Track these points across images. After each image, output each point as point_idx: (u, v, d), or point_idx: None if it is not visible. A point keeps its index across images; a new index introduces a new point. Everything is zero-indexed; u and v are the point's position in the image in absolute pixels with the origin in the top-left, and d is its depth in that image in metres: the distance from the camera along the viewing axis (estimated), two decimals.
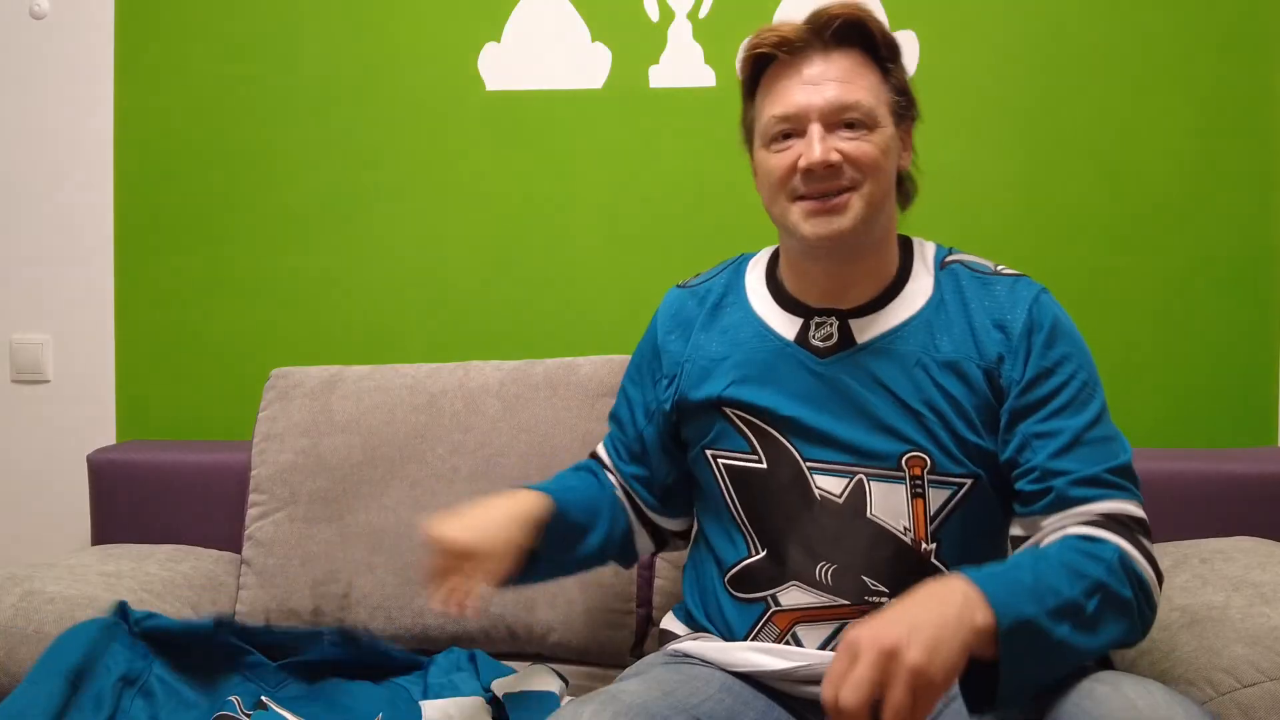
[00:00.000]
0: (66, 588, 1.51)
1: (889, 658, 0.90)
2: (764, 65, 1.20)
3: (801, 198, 1.16)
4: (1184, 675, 1.22)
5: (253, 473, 1.76)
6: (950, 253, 1.26)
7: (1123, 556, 1.06)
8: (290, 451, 1.74)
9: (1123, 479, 1.12)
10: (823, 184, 1.14)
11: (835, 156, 1.13)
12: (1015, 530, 1.16)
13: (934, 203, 1.86)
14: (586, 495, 1.34)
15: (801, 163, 1.14)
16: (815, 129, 1.14)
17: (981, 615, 0.95)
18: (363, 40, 2.00)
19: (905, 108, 1.20)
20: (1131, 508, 1.11)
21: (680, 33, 1.95)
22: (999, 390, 1.16)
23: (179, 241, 2.04)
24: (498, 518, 1.18)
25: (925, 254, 1.25)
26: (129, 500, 1.85)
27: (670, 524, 1.38)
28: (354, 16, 2.00)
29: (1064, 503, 1.11)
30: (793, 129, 1.16)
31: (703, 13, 1.94)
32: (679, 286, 1.37)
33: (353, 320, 2.03)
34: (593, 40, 1.96)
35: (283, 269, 2.03)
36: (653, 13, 1.95)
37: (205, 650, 1.38)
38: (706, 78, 1.94)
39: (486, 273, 2.00)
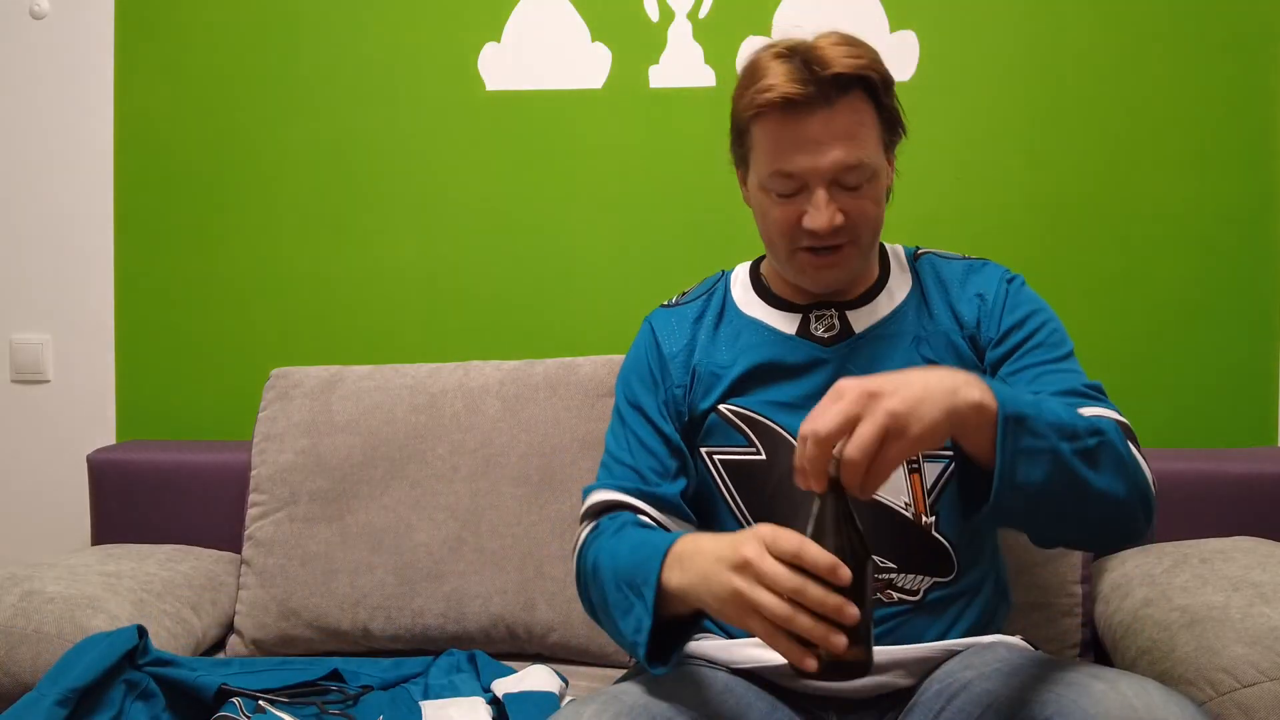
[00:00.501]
0: (66, 588, 1.51)
1: (870, 397, 0.91)
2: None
3: (802, 248, 1.21)
4: (1184, 675, 1.22)
5: (253, 473, 1.76)
6: (918, 249, 1.34)
7: (1118, 427, 1.08)
8: (290, 451, 1.74)
9: (1102, 394, 1.17)
10: (825, 241, 1.20)
11: (840, 220, 1.18)
12: None
13: (934, 203, 1.88)
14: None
15: (807, 223, 1.18)
16: (821, 195, 1.17)
17: (980, 393, 0.95)
18: (363, 40, 2.00)
19: (895, 138, 1.24)
20: (1117, 415, 1.13)
21: (680, 33, 1.95)
22: (980, 352, 1.24)
23: (179, 241, 2.04)
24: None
25: (898, 255, 1.34)
26: (129, 500, 1.85)
27: None
28: (354, 16, 2.00)
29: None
30: (795, 185, 1.19)
31: (703, 13, 1.94)
32: (664, 306, 1.38)
33: (353, 320, 2.03)
34: (593, 40, 1.96)
35: (283, 269, 2.03)
36: (653, 13, 1.95)
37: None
38: (706, 78, 1.94)
39: (486, 273, 2.00)
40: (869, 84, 1.17)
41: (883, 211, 1.23)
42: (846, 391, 0.92)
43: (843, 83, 1.15)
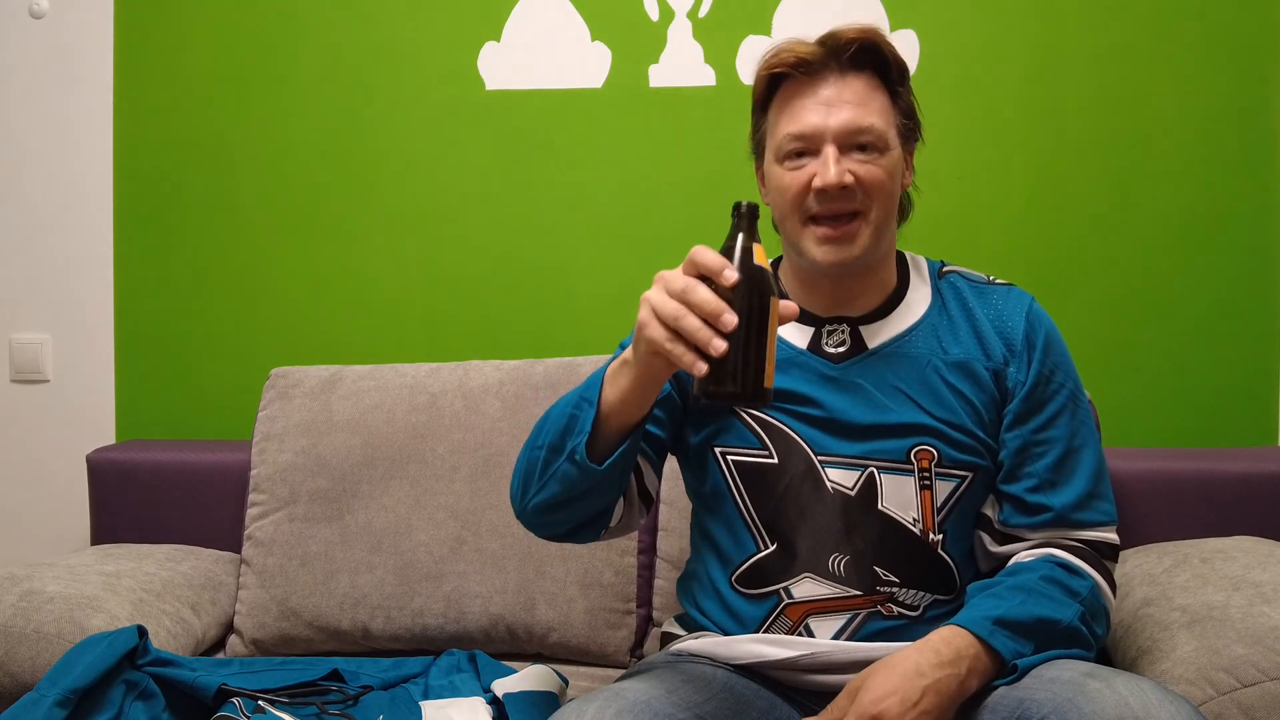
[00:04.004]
0: (66, 587, 1.51)
1: None
2: (778, 82, 1.24)
3: (814, 218, 1.20)
4: (1184, 675, 1.22)
5: (253, 472, 1.76)
6: (944, 265, 1.32)
7: (1094, 588, 1.17)
8: (290, 451, 1.74)
9: (1105, 501, 1.23)
10: (835, 204, 1.19)
11: (849, 179, 1.17)
12: (990, 513, 1.24)
13: (934, 203, 1.87)
14: None
15: (817, 183, 1.18)
16: (830, 150, 1.18)
17: (978, 680, 1.08)
18: (362, 40, 2.00)
19: (911, 130, 1.25)
20: (1110, 535, 1.22)
21: (680, 32, 1.95)
22: (1005, 390, 1.23)
23: (179, 241, 2.04)
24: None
25: (920, 266, 1.31)
26: (129, 500, 1.85)
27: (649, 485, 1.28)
28: (354, 16, 2.00)
29: (1058, 524, 1.21)
30: (807, 148, 1.19)
31: (702, 12, 1.94)
32: None
33: (353, 320, 2.03)
34: (593, 40, 1.96)
35: (283, 269, 2.03)
36: (652, 12, 1.95)
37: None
38: (706, 77, 1.94)
39: (486, 273, 2.00)
40: (882, 65, 1.21)
41: (897, 188, 1.22)
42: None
43: (855, 58, 1.19)
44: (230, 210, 2.03)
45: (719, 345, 0.95)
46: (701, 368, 0.96)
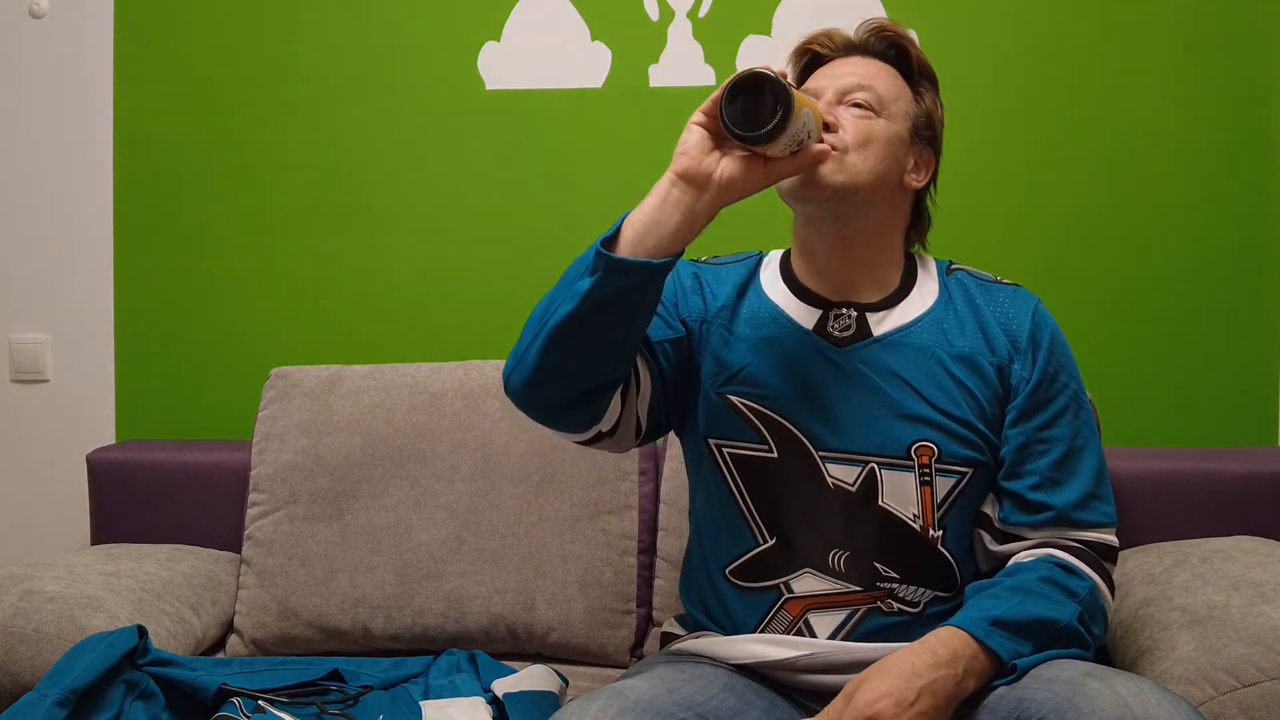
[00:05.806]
0: (66, 587, 1.51)
1: None
2: (811, 67, 1.29)
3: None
4: (1184, 675, 1.22)
5: (252, 472, 1.76)
6: (951, 264, 1.33)
7: (1092, 589, 1.17)
8: (290, 451, 1.74)
9: (1105, 503, 1.23)
10: None
11: (831, 118, 1.19)
12: (990, 511, 1.24)
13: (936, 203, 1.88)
14: None
15: None
16: (827, 97, 1.23)
17: (976, 681, 1.08)
18: (362, 40, 2.00)
19: (924, 127, 1.28)
20: (1109, 537, 1.22)
21: (680, 32, 1.95)
22: (1008, 386, 1.23)
23: (179, 241, 2.04)
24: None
25: (928, 264, 1.32)
26: (129, 500, 1.85)
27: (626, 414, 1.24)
28: (353, 16, 2.00)
29: (1058, 523, 1.20)
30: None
31: (702, 11, 1.94)
32: (693, 260, 1.35)
33: (353, 320, 2.03)
34: (593, 39, 1.96)
35: (283, 269, 2.03)
36: (652, 12, 1.95)
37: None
38: (706, 77, 1.94)
39: (487, 272, 2.00)
40: (904, 59, 1.27)
41: (886, 156, 1.21)
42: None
43: (879, 49, 1.27)
44: (230, 210, 2.03)
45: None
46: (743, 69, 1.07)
